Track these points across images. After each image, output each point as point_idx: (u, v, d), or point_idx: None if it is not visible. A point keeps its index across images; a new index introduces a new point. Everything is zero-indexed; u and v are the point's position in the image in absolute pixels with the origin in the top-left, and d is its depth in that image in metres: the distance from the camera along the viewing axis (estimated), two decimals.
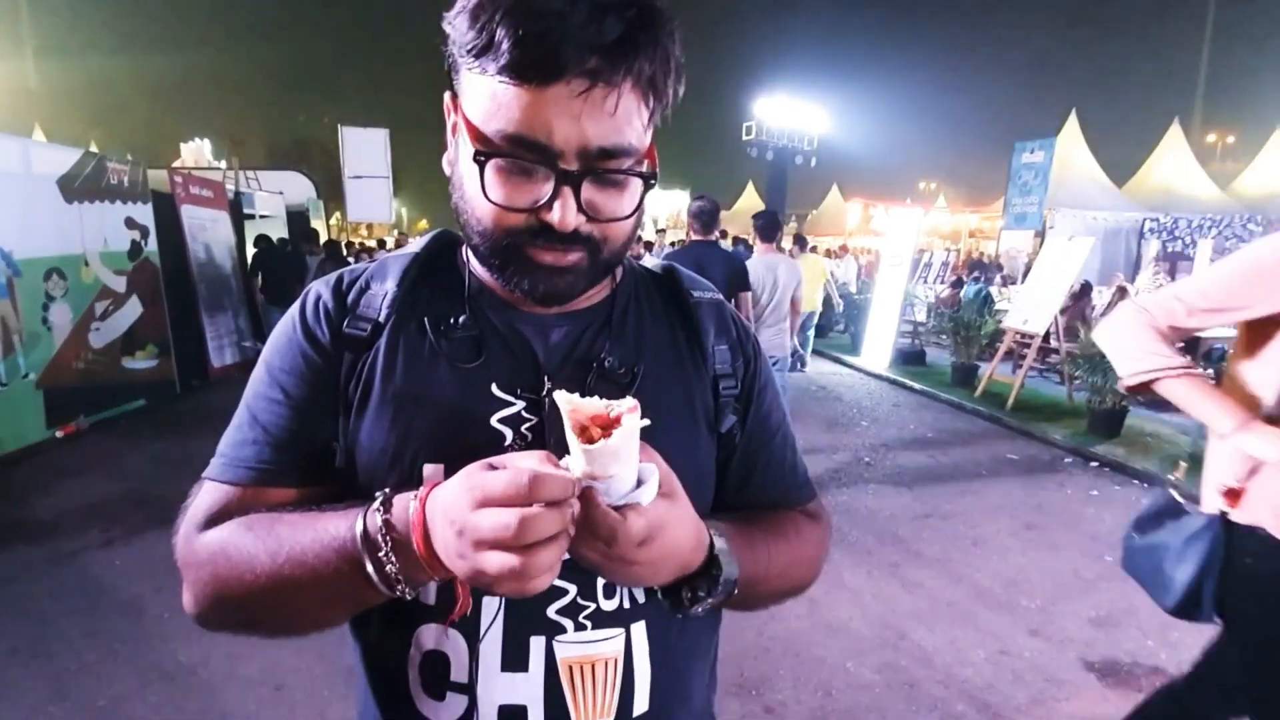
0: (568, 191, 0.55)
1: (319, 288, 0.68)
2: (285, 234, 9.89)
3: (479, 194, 0.57)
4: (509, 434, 0.62)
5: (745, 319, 0.73)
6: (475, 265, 0.69)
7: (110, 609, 2.85)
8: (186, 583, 0.62)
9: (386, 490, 0.55)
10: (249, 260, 8.53)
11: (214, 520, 0.62)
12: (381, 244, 13.31)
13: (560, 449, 0.60)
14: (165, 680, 2.41)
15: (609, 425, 0.49)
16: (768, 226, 4.57)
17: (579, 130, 0.53)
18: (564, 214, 0.55)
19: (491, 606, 0.61)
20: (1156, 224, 12.81)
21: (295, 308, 0.68)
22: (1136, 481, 4.70)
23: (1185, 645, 2.70)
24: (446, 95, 0.60)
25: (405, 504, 0.53)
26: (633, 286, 0.73)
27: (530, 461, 0.49)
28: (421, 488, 0.53)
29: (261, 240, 8.55)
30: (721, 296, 0.76)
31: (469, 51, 0.53)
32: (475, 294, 0.68)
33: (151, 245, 6.29)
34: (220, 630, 0.63)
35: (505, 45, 0.51)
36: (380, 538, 0.52)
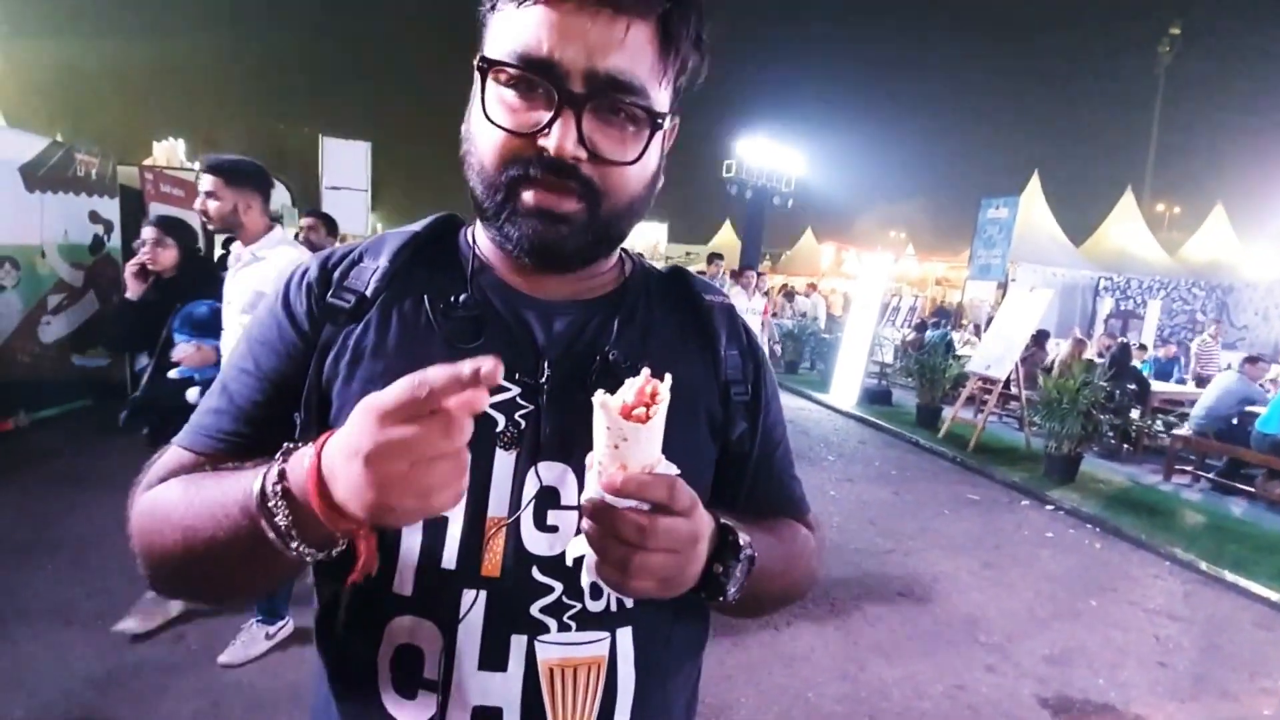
0: (569, 114, 0.53)
1: (309, 262, 0.66)
2: None
3: (480, 120, 0.55)
4: (501, 420, 0.59)
5: None
6: (481, 245, 0.67)
7: (30, 618, 2.68)
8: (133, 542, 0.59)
9: (296, 441, 0.51)
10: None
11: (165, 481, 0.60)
12: None
13: (559, 437, 0.59)
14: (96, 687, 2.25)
15: (650, 401, 0.48)
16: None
17: (586, 51, 0.52)
18: (562, 138, 0.52)
19: (469, 596, 0.58)
20: (1111, 283, 13.45)
21: (282, 281, 0.66)
22: (1089, 525, 4.82)
23: (1133, 684, 2.75)
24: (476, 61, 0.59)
25: (304, 453, 0.47)
26: (643, 282, 0.70)
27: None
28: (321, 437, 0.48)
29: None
30: (732, 301, 0.75)
31: None
32: (479, 275, 0.65)
33: (115, 241, 6.10)
34: (170, 594, 0.59)
35: None
36: (271, 488, 0.47)
